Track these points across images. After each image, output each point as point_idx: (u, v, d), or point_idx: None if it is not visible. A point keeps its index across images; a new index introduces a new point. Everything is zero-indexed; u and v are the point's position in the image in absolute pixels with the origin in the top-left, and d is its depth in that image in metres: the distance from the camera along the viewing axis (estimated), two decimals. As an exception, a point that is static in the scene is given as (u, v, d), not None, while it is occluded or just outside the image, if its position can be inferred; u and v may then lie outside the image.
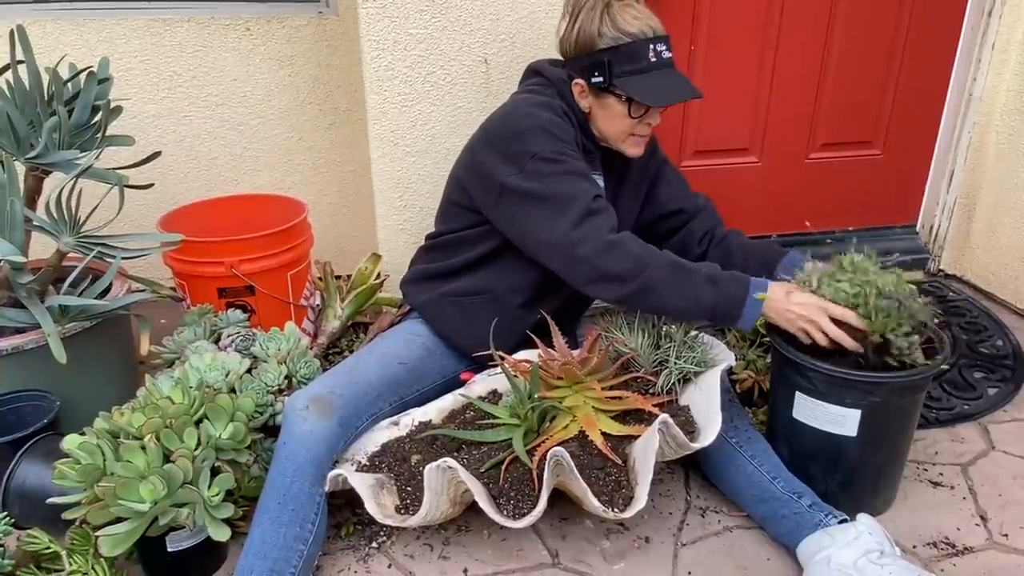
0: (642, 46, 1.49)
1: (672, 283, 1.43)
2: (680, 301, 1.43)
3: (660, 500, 1.63)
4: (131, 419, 1.34)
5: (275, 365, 1.64)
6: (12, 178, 1.58)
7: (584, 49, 1.53)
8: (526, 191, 1.47)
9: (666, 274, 1.43)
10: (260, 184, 2.49)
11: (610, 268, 1.42)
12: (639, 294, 1.43)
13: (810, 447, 1.52)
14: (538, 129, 1.51)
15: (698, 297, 1.42)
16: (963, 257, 2.63)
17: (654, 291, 1.43)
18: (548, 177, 1.47)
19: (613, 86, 1.52)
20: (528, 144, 1.49)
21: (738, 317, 1.44)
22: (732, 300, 1.43)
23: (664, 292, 1.43)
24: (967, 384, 2.03)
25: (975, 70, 2.40)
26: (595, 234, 1.43)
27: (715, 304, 1.43)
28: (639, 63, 1.50)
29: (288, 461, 1.38)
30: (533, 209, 1.48)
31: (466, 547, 1.51)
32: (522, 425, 1.42)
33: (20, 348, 1.58)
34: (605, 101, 1.55)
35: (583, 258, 1.43)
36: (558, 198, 1.45)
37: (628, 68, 1.50)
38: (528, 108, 1.55)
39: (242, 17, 2.29)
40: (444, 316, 1.68)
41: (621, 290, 1.44)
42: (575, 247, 1.43)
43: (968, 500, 1.63)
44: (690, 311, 1.45)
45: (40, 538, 1.33)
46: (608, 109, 1.56)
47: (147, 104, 2.31)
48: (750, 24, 2.31)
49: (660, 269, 1.43)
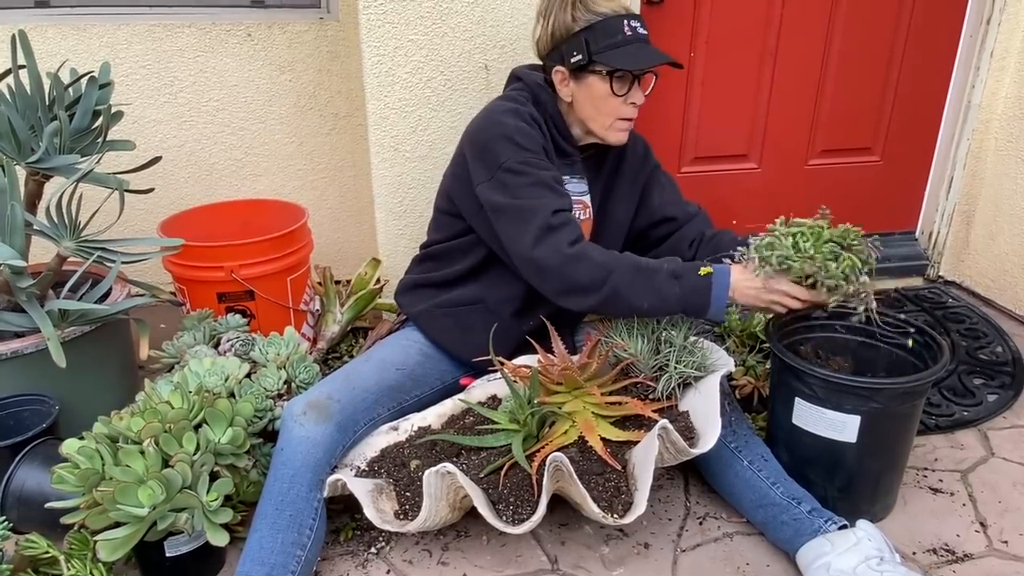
0: (616, 21, 1.52)
1: (638, 285, 1.44)
2: (648, 301, 1.45)
3: (659, 506, 1.63)
4: (130, 423, 1.34)
5: (274, 370, 1.64)
6: (13, 182, 1.58)
7: (561, 37, 1.56)
8: (495, 204, 1.50)
9: (630, 277, 1.44)
10: (260, 189, 2.50)
11: (575, 280, 1.44)
12: (609, 301, 1.45)
13: (810, 453, 1.52)
14: (504, 138, 1.52)
15: (664, 295, 1.44)
16: (962, 263, 2.63)
17: (622, 296, 1.44)
18: (513, 189, 1.49)
19: (593, 62, 1.53)
20: (496, 154, 1.51)
21: (707, 306, 1.45)
22: (697, 290, 1.44)
23: (631, 296, 1.44)
24: (967, 390, 2.03)
25: (974, 77, 2.41)
26: (555, 249, 1.44)
27: (682, 297, 1.45)
28: (615, 37, 1.52)
29: (285, 466, 1.38)
30: (501, 221, 1.51)
31: (465, 553, 1.51)
32: (521, 430, 1.42)
33: (19, 352, 1.57)
34: (587, 82, 1.56)
35: (547, 272, 1.46)
36: (522, 211, 1.47)
37: (605, 43, 1.52)
38: (497, 116, 1.56)
39: (243, 23, 2.30)
40: (438, 326, 1.69)
41: (589, 300, 1.46)
42: (537, 262, 1.46)
43: (968, 507, 1.63)
44: (660, 309, 1.47)
45: (38, 542, 1.33)
46: (591, 89, 1.57)
47: (148, 109, 2.31)
48: (750, 31, 2.32)
49: (624, 274, 1.44)
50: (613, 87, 1.54)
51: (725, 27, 2.29)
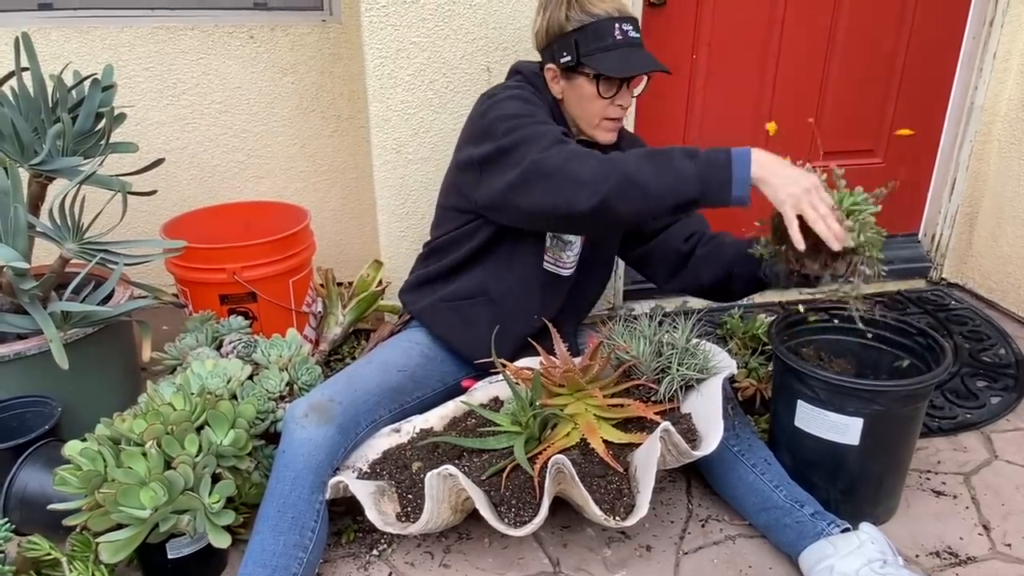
0: (607, 24, 1.51)
1: (649, 168, 1.34)
2: (664, 181, 1.33)
3: (662, 508, 1.62)
4: (132, 425, 1.34)
5: (276, 372, 1.64)
6: (16, 184, 1.58)
7: (554, 35, 1.56)
8: (498, 147, 1.46)
9: (640, 162, 1.35)
10: (263, 191, 2.50)
11: (579, 175, 1.35)
12: (621, 189, 1.34)
13: (812, 456, 1.51)
14: (504, 100, 1.53)
15: (680, 172, 1.32)
16: (965, 266, 2.63)
17: (634, 182, 1.33)
18: (517, 130, 1.45)
19: (581, 64, 1.53)
20: (495, 114, 1.50)
21: (729, 182, 1.31)
22: (715, 164, 1.32)
23: (644, 178, 1.33)
24: (969, 393, 2.02)
25: (976, 79, 2.41)
26: (560, 150, 1.39)
27: (700, 174, 1.32)
28: (605, 40, 1.51)
29: (287, 468, 1.38)
30: (505, 159, 1.44)
31: (467, 555, 1.50)
32: (523, 432, 1.42)
33: (22, 354, 1.58)
34: (575, 82, 1.57)
35: (553, 171, 1.37)
36: (528, 139, 1.42)
37: (595, 46, 1.51)
38: (498, 98, 1.56)
39: (246, 25, 2.30)
40: (442, 321, 1.69)
41: (600, 192, 1.34)
42: (540, 164, 1.38)
43: (971, 509, 1.62)
44: (678, 188, 1.33)
45: (41, 544, 1.33)
46: (579, 90, 1.57)
47: (151, 111, 2.32)
48: (752, 33, 2.32)
49: (631, 160, 1.36)
50: (600, 90, 1.54)
51: (727, 29, 2.29)
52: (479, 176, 1.52)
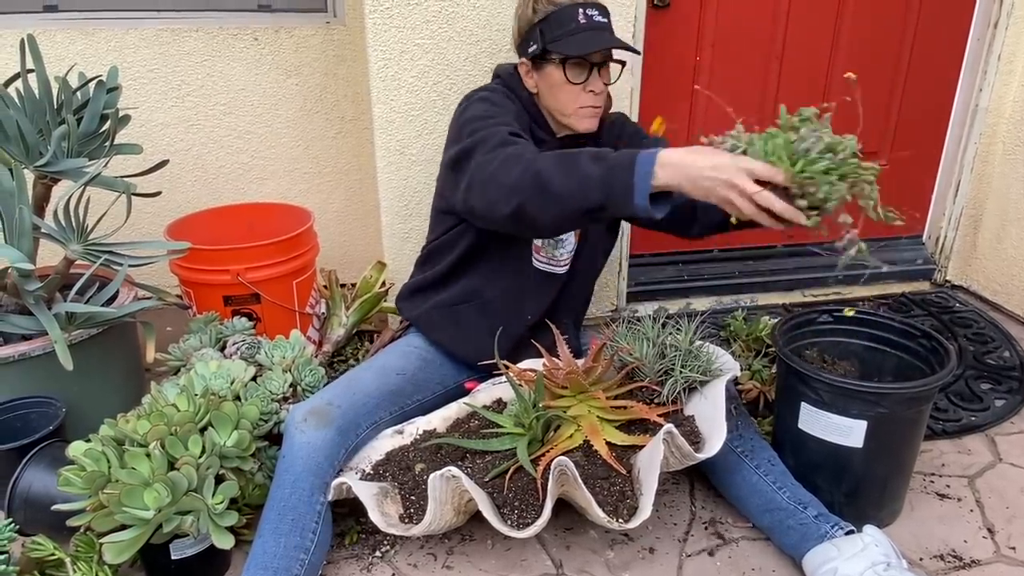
0: (571, 10, 1.52)
1: (557, 171, 1.28)
2: (569, 185, 1.26)
3: (665, 511, 1.62)
4: (136, 426, 1.34)
5: (280, 373, 1.64)
6: (21, 186, 1.59)
7: (524, 29, 1.58)
8: (460, 149, 1.46)
9: (551, 165, 1.29)
10: (266, 193, 2.51)
11: (504, 178, 1.32)
12: (533, 193, 1.29)
13: (815, 458, 1.51)
14: (474, 102, 1.56)
15: (585, 176, 1.25)
16: (970, 268, 2.62)
17: (544, 186, 1.28)
18: (476, 132, 1.44)
19: (547, 52, 1.53)
20: (463, 117, 1.53)
21: (632, 186, 1.20)
22: (620, 166, 1.23)
23: (552, 183, 1.27)
24: (974, 395, 2.02)
25: (981, 81, 2.40)
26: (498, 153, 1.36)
27: (604, 177, 1.23)
28: (569, 25, 1.51)
29: (287, 472, 1.39)
30: (464, 162, 1.43)
31: (470, 557, 1.50)
32: (526, 434, 1.42)
33: (27, 355, 1.58)
34: (545, 72, 1.57)
35: (487, 175, 1.35)
36: (481, 141, 1.42)
37: (559, 33, 1.52)
38: (472, 100, 1.58)
39: (250, 27, 2.31)
40: (437, 327, 1.70)
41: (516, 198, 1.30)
42: (482, 168, 1.36)
43: (975, 512, 1.62)
44: (582, 193, 1.26)
45: (45, 544, 1.33)
46: (549, 79, 1.57)
47: (155, 113, 2.32)
48: (756, 34, 2.32)
49: (546, 162, 1.30)
50: (567, 75, 1.54)
51: (731, 30, 2.29)
52: (453, 179, 1.51)
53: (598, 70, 1.55)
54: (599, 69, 1.55)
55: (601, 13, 1.54)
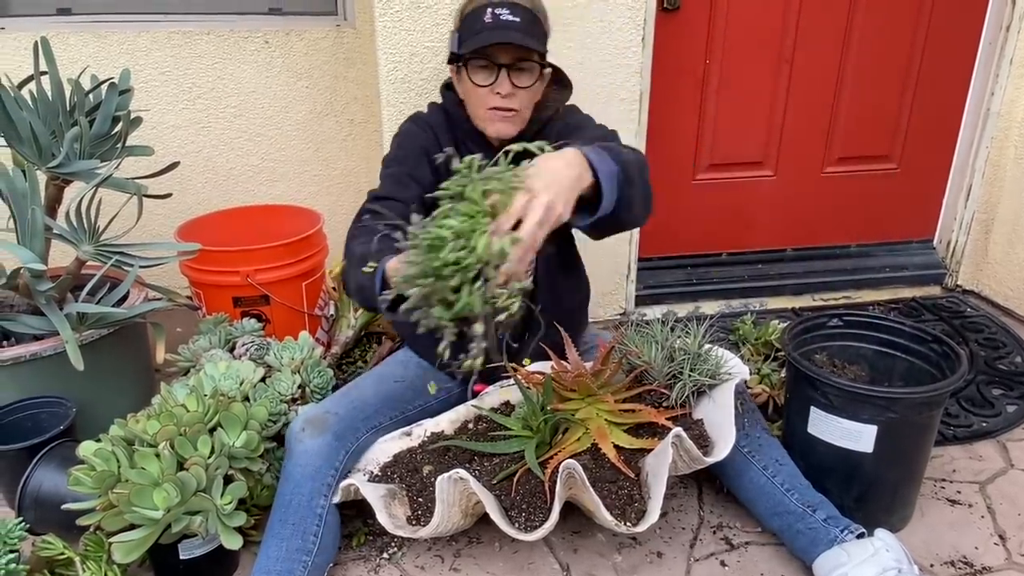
0: (481, 10, 1.46)
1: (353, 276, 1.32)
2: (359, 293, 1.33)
3: (673, 514, 1.62)
4: (146, 426, 1.35)
5: (289, 374, 1.65)
6: (34, 187, 1.60)
7: (450, 39, 1.54)
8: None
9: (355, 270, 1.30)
10: (276, 195, 2.52)
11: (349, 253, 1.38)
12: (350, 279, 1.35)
13: (825, 463, 1.50)
14: (393, 138, 1.62)
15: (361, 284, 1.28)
16: (981, 272, 2.60)
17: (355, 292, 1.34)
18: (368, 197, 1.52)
19: (457, 56, 1.50)
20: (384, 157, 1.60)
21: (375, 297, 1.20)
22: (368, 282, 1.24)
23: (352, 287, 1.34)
24: (985, 401, 2.00)
25: (993, 84, 2.39)
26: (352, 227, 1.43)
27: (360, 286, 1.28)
28: (475, 26, 1.46)
29: (288, 480, 1.41)
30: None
31: (477, 559, 1.50)
32: (534, 437, 1.42)
33: (38, 355, 1.59)
34: (461, 76, 1.52)
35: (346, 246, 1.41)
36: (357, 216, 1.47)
37: (467, 35, 1.47)
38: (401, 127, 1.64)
39: (261, 30, 2.32)
40: (422, 344, 1.67)
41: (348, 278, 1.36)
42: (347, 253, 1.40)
43: (986, 519, 1.61)
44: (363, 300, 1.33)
45: (55, 544, 1.34)
46: (464, 84, 1.52)
47: (166, 115, 2.34)
48: (765, 37, 2.32)
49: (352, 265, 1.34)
50: (470, 76, 1.48)
51: (741, 33, 2.29)
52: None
53: (507, 71, 1.46)
54: (508, 70, 1.46)
55: (513, 12, 1.45)
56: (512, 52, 1.45)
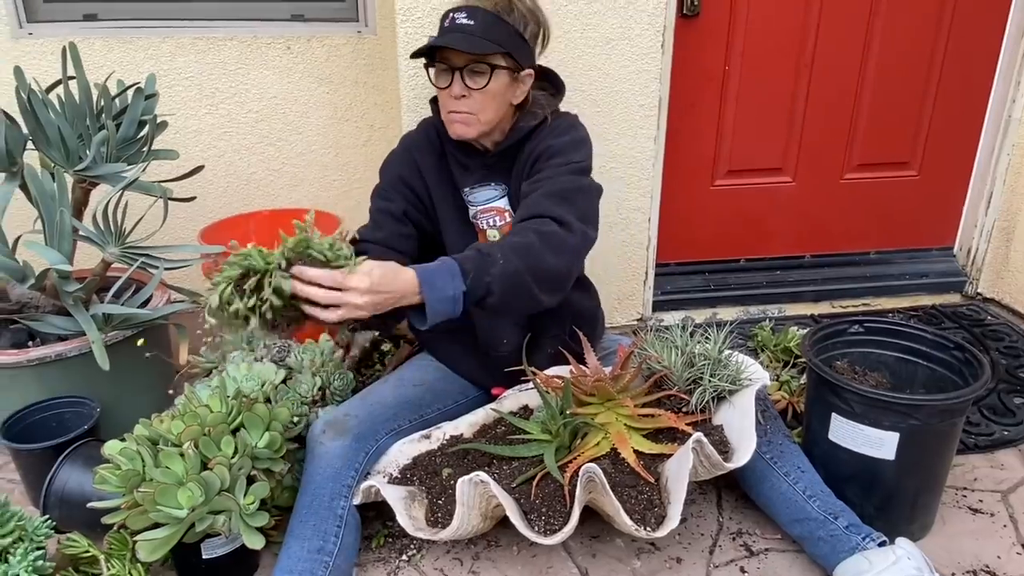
0: (445, 16, 1.48)
1: None
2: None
3: (692, 520, 1.61)
4: (171, 426, 1.36)
5: (309, 376, 1.66)
6: (62, 189, 1.63)
7: None
8: None
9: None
10: (297, 199, 2.54)
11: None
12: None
13: (846, 470, 1.50)
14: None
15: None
16: (1002, 280, 2.58)
17: None
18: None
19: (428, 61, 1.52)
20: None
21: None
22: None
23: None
24: (1007, 409, 1.98)
25: (1014, 91, 2.37)
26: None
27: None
28: (438, 30, 1.49)
29: (308, 483, 1.43)
30: None
31: (496, 563, 1.51)
32: (554, 441, 1.42)
33: (63, 355, 1.61)
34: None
35: None
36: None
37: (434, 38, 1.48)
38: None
39: (283, 36, 2.35)
40: (442, 349, 1.73)
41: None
42: None
43: (1008, 528, 1.59)
44: None
45: (79, 542, 1.36)
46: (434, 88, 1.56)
47: (190, 119, 2.36)
48: (785, 43, 2.31)
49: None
50: (431, 78, 1.52)
51: (760, 39, 2.29)
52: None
53: (460, 73, 1.47)
54: (462, 72, 1.46)
55: (470, 15, 1.45)
56: (466, 55, 1.45)
